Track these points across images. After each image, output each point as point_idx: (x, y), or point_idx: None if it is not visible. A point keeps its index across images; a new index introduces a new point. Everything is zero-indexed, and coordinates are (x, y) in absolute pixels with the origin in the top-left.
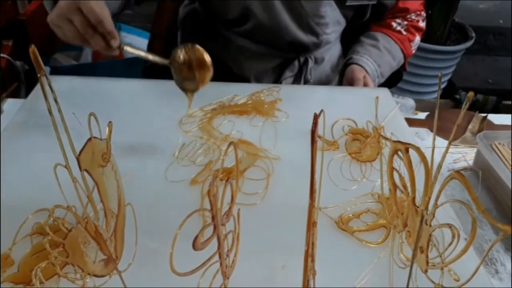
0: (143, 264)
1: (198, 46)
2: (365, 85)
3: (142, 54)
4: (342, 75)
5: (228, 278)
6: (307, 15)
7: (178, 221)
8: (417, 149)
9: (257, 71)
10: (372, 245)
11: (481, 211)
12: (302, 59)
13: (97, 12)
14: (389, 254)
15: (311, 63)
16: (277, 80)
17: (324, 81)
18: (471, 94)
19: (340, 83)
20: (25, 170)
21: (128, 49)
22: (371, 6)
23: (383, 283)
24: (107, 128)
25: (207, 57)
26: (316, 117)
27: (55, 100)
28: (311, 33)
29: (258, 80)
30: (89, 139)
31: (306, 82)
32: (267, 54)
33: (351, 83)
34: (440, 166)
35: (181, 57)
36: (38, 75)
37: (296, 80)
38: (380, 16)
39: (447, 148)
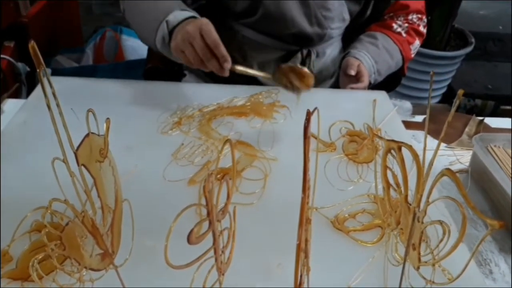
0: (140, 260)
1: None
2: (359, 73)
3: (251, 72)
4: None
5: (223, 274)
6: (314, 6)
7: None
8: (409, 147)
9: (260, 62)
10: (367, 245)
11: (471, 207)
12: (305, 52)
13: (214, 36)
14: (384, 253)
15: (313, 56)
16: None
17: (325, 75)
18: (460, 91)
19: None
20: (24, 169)
21: (238, 68)
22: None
23: (377, 282)
24: (104, 125)
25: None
26: (309, 113)
27: (54, 95)
28: (317, 25)
29: (261, 70)
30: (87, 135)
31: None
32: (271, 45)
33: (345, 70)
34: (431, 163)
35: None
36: (38, 70)
37: None
38: (380, 12)
39: (438, 144)
